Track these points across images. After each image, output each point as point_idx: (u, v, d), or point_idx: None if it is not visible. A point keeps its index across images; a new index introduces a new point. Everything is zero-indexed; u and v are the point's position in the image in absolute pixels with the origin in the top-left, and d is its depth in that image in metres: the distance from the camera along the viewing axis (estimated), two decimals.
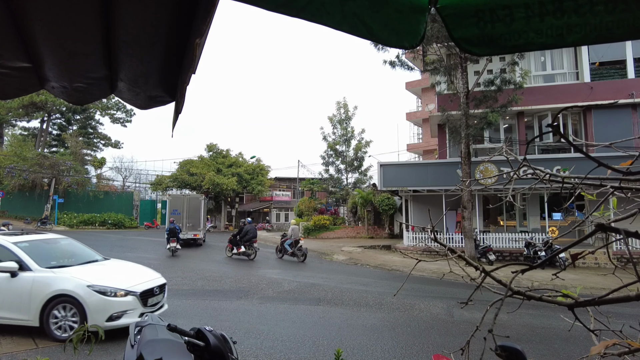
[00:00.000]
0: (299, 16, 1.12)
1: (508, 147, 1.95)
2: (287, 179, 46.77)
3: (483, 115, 15.05)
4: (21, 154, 30.77)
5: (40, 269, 5.92)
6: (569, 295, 1.20)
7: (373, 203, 26.18)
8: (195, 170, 34.91)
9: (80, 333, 2.54)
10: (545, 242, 13.87)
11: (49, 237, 7.21)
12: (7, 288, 5.76)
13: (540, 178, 1.45)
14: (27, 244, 6.38)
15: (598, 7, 1.07)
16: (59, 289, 5.70)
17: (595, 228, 1.05)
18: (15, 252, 6.02)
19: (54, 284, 5.77)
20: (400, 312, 7.64)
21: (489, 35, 1.19)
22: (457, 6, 1.17)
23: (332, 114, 31.91)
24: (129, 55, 1.64)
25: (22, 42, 1.53)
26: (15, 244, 6.22)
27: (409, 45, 1.23)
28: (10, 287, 5.76)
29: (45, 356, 4.91)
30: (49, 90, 1.88)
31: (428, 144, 29.97)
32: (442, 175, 16.83)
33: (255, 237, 15.80)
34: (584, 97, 15.98)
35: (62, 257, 6.73)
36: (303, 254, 15.29)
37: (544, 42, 1.16)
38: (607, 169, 1.22)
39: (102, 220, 30.80)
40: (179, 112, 1.70)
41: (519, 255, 15.23)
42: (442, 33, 12.76)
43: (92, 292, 5.69)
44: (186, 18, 1.42)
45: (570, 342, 6.01)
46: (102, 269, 6.62)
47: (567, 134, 16.37)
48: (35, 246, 6.48)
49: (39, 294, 5.69)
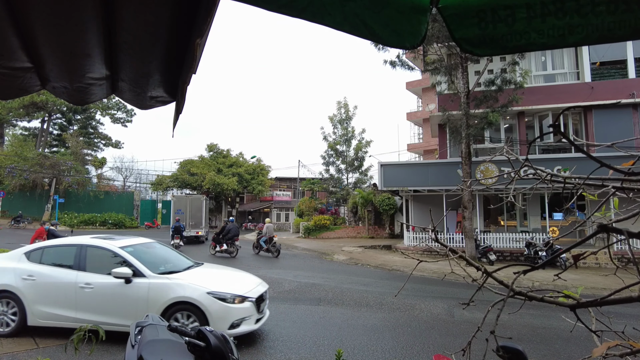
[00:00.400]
0: (300, 17, 1.12)
1: (509, 147, 1.94)
2: (288, 179, 46.78)
3: (483, 115, 15.04)
4: (22, 154, 30.80)
5: (153, 275, 5.68)
6: (571, 295, 1.19)
7: (373, 203, 26.17)
8: (196, 170, 34.93)
9: (81, 333, 2.54)
10: (545, 243, 13.85)
11: (145, 242, 6.87)
12: (122, 295, 5.55)
13: (541, 178, 1.44)
14: (131, 249, 6.13)
15: (600, 8, 1.07)
16: (179, 295, 5.43)
17: (597, 229, 1.05)
18: (127, 258, 5.80)
19: (172, 290, 5.50)
20: (401, 312, 7.63)
21: (491, 36, 1.18)
22: (458, 6, 1.17)
23: (333, 114, 31.93)
24: (129, 55, 1.64)
25: (23, 42, 1.53)
26: (123, 248, 6.00)
27: (410, 45, 1.22)
28: (125, 294, 5.54)
29: (46, 356, 4.93)
30: (49, 91, 1.88)
31: (428, 144, 29.96)
32: (442, 175, 16.82)
33: (237, 235, 16.45)
34: (585, 97, 15.96)
35: (162, 262, 6.41)
36: (277, 250, 16.65)
37: (546, 42, 1.15)
38: (608, 169, 1.22)
39: (103, 220, 30.82)
40: (179, 112, 1.70)
41: (519, 256, 15.21)
42: (442, 33, 12.75)
43: (213, 299, 5.41)
44: (187, 18, 1.42)
45: (571, 342, 6.00)
46: (209, 275, 6.35)
47: (568, 134, 16.34)
48: (138, 251, 6.23)
49: (157, 301, 5.44)
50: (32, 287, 5.78)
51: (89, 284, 5.66)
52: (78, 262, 5.90)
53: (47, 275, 5.88)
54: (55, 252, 6.25)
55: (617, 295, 1.10)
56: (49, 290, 5.79)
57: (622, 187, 1.32)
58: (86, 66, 1.70)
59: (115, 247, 5.99)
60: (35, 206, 31.02)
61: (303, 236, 27.45)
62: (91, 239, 6.39)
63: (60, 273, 5.86)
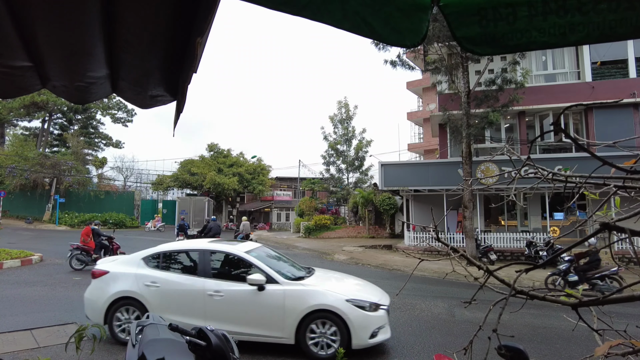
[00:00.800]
0: (301, 14, 1.12)
1: (510, 147, 1.94)
2: (288, 179, 46.78)
3: (484, 115, 15.03)
4: (22, 153, 30.81)
5: (286, 281, 5.35)
6: (573, 294, 1.19)
7: (374, 203, 26.16)
8: (197, 170, 34.95)
9: (81, 332, 2.54)
10: (546, 242, 13.84)
11: (257, 245, 6.47)
12: (255, 303, 5.22)
13: (543, 177, 1.44)
14: (255, 254, 5.82)
15: (601, 6, 1.07)
16: (319, 303, 5.08)
17: (600, 227, 1.04)
18: (256, 264, 5.49)
19: (311, 298, 5.16)
20: (402, 312, 7.63)
21: (492, 34, 1.18)
22: (459, 5, 1.16)
23: (333, 114, 31.89)
24: (130, 54, 1.64)
25: (23, 41, 1.52)
26: (248, 253, 5.71)
27: (410, 44, 1.22)
28: (258, 302, 5.21)
29: (46, 355, 4.92)
30: (50, 90, 1.88)
31: (429, 144, 29.95)
32: (443, 175, 16.81)
33: (219, 233, 16.77)
34: (586, 97, 15.94)
35: (281, 267, 5.97)
36: None
37: (547, 41, 1.15)
38: (610, 167, 1.22)
39: (103, 220, 30.79)
40: (180, 111, 1.70)
41: (520, 255, 15.20)
42: (443, 32, 12.73)
43: (352, 307, 5.08)
44: (187, 17, 1.42)
45: (572, 342, 5.99)
46: (334, 280, 6.01)
47: (569, 133, 16.29)
48: (260, 256, 5.89)
49: (295, 309, 5.10)
50: (156, 294, 5.46)
51: (218, 291, 5.31)
52: (203, 268, 5.57)
53: (173, 282, 5.55)
54: (175, 257, 5.98)
55: (619, 294, 1.10)
56: (175, 298, 5.47)
57: (624, 186, 1.32)
58: (86, 65, 1.70)
59: (240, 252, 5.69)
60: (36, 206, 31.03)
61: (303, 236, 27.45)
62: (210, 243, 6.07)
63: (186, 280, 5.53)
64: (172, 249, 6.04)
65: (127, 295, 5.54)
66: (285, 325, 5.11)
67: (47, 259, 13.09)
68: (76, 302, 7.75)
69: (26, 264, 11.96)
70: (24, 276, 10.23)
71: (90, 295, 5.78)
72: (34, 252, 13.31)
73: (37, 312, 6.98)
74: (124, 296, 5.55)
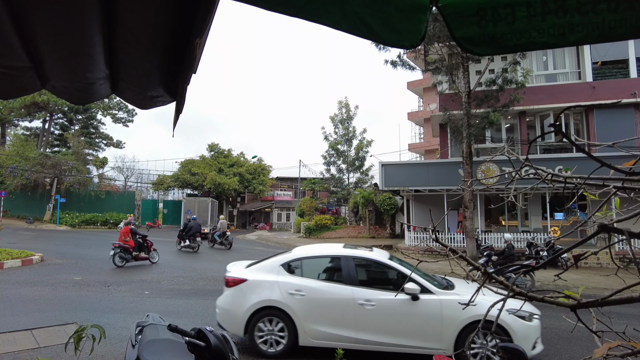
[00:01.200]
0: (299, 15, 1.12)
1: (510, 147, 1.93)
2: (289, 179, 46.77)
3: (485, 115, 15.02)
4: (23, 153, 30.82)
5: (440, 290, 5.09)
6: (571, 296, 1.19)
7: (374, 203, 26.17)
8: (197, 170, 34.95)
9: (80, 333, 2.54)
10: (547, 243, 13.83)
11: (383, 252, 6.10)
12: (409, 313, 4.98)
13: (542, 178, 1.44)
14: (397, 260, 5.56)
15: (600, 6, 1.07)
16: (479, 314, 4.70)
17: (598, 229, 1.04)
18: (405, 272, 5.24)
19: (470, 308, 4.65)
20: None
21: (491, 35, 1.18)
22: (458, 5, 1.16)
23: (334, 114, 31.91)
24: (129, 54, 1.64)
25: (22, 41, 1.52)
26: (391, 259, 5.48)
27: (409, 44, 1.22)
28: (413, 312, 4.97)
29: (46, 356, 4.93)
30: (50, 90, 1.88)
31: (429, 144, 29.94)
32: (443, 175, 16.81)
33: (199, 232, 17.55)
34: (586, 97, 15.93)
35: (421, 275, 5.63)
36: (229, 243, 18.92)
37: (546, 41, 1.15)
38: (609, 169, 1.22)
39: (104, 220, 30.83)
40: (179, 111, 1.70)
41: (520, 255, 15.19)
42: (443, 32, 12.73)
43: (514, 317, 4.80)
44: (187, 18, 1.42)
45: (572, 342, 5.99)
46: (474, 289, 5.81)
47: (569, 134, 16.31)
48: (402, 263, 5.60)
49: (454, 319, 4.84)
50: (302, 303, 5.18)
51: (369, 300, 5.05)
52: (348, 275, 5.30)
53: (320, 290, 5.26)
54: (317, 264, 5.68)
55: (618, 295, 1.09)
56: (323, 307, 5.18)
57: (623, 187, 1.31)
58: (86, 65, 1.70)
59: (385, 259, 5.46)
60: (36, 206, 31.05)
61: (304, 236, 27.45)
62: (346, 249, 5.80)
63: (334, 288, 5.24)
64: (311, 255, 5.73)
65: (270, 305, 5.25)
66: (443, 336, 4.87)
67: (47, 259, 13.10)
68: (76, 302, 7.77)
69: (27, 264, 11.97)
70: (24, 276, 10.24)
71: (226, 305, 5.50)
72: (34, 252, 13.32)
73: (37, 312, 6.98)
74: (267, 306, 5.26)
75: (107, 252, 12.77)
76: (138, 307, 7.56)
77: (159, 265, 12.96)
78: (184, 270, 12.31)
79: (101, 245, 18.35)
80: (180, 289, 9.37)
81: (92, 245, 18.26)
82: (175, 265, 13.38)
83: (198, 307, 7.76)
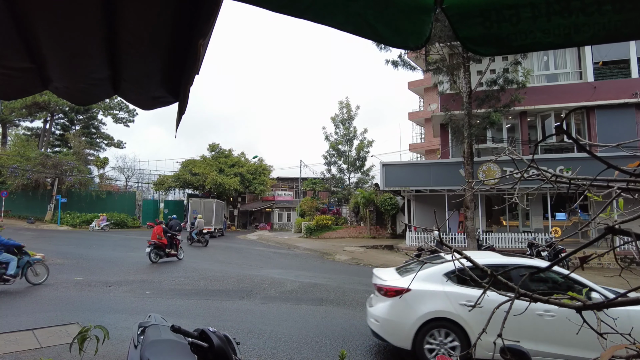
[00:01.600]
0: (303, 17, 1.11)
1: (512, 148, 1.93)
2: (289, 179, 46.79)
3: (486, 115, 15.01)
4: (24, 153, 30.85)
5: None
6: (576, 297, 1.18)
7: (375, 203, 26.15)
8: (198, 170, 34.96)
9: (84, 334, 2.54)
10: (549, 244, 13.81)
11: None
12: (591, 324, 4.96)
13: (546, 179, 1.43)
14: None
15: (606, 7, 1.06)
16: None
17: (604, 231, 1.04)
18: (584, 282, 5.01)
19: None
20: None
21: (495, 35, 1.17)
22: (463, 6, 1.16)
23: (335, 114, 31.92)
24: (132, 55, 1.63)
25: (24, 42, 1.52)
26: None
27: (413, 45, 1.21)
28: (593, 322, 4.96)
29: (48, 356, 4.93)
30: (52, 91, 1.88)
31: (430, 144, 29.91)
32: (444, 175, 16.80)
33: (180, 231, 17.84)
34: (587, 97, 15.91)
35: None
36: (206, 240, 20.36)
37: (552, 41, 1.14)
38: (614, 170, 1.21)
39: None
40: (182, 112, 1.70)
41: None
42: (444, 32, 12.72)
43: None
44: (189, 19, 1.42)
45: None
46: None
47: (571, 134, 16.25)
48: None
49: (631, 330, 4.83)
50: (475, 314, 4.85)
51: (548, 310, 4.83)
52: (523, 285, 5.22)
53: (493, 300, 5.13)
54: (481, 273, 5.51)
55: (624, 297, 1.09)
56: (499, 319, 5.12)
57: (628, 188, 1.31)
58: (88, 66, 1.70)
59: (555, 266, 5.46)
60: (37, 206, 31.08)
61: (305, 236, 27.45)
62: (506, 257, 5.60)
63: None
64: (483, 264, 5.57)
65: (441, 316, 5.05)
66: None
67: (49, 258, 13.10)
68: (78, 302, 7.77)
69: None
70: None
71: (389, 316, 5.28)
72: (35, 252, 13.31)
73: (38, 312, 6.98)
74: (437, 317, 5.06)
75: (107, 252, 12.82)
76: (139, 307, 7.57)
77: (159, 265, 12.98)
78: (184, 270, 12.31)
79: (102, 245, 18.39)
80: (181, 289, 9.37)
81: (93, 245, 18.27)
82: (174, 265, 13.39)
83: (199, 308, 7.76)
